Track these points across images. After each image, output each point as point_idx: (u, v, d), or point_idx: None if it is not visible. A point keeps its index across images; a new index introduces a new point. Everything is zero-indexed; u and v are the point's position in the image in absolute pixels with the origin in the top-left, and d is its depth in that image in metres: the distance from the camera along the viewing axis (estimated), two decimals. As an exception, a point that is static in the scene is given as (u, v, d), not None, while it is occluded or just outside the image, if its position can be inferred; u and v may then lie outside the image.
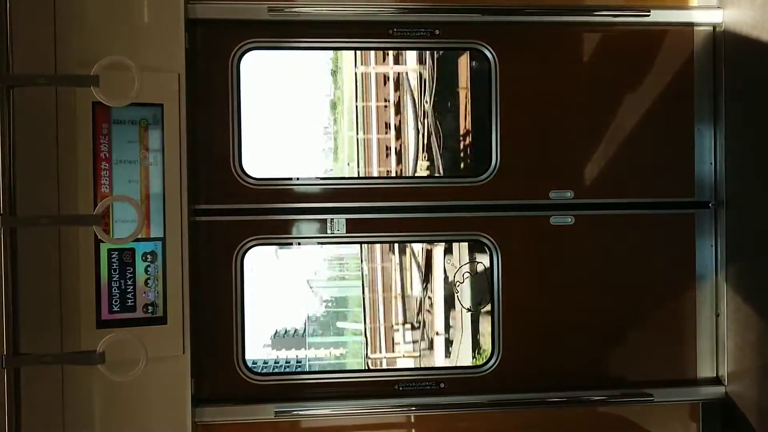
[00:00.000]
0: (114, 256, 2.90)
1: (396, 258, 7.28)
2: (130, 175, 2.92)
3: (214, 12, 3.13)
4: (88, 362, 2.52)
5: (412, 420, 3.36)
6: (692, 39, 3.38)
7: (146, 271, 2.95)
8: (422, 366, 6.85)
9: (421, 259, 6.83)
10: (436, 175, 6.60)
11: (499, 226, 3.34)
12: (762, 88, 3.06)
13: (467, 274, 3.68)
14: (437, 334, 6.49)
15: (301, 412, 3.19)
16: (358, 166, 7.51)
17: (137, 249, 2.93)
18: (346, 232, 3.28)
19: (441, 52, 5.84)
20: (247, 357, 3.27)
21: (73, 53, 2.83)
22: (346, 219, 3.28)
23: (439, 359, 6.53)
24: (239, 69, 3.21)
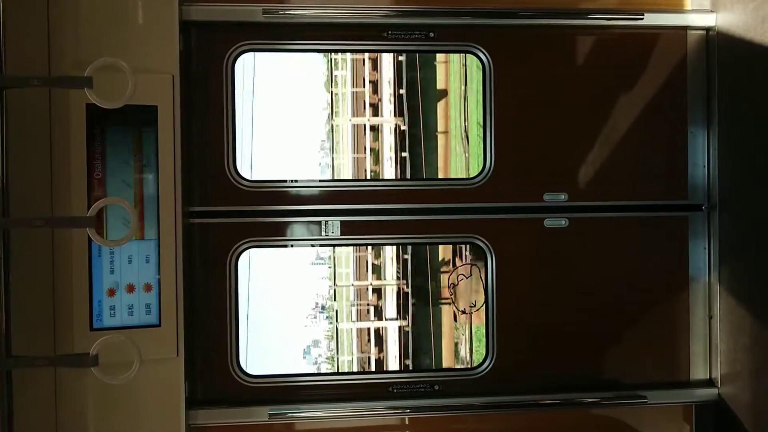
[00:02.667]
0: (108, 258, 2.89)
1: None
2: (124, 177, 2.92)
3: (208, 14, 3.13)
4: (81, 365, 2.51)
5: (406, 422, 3.36)
6: (685, 42, 3.39)
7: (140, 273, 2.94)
8: (416, 368, 6.85)
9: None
10: (431, 177, 6.61)
11: (494, 228, 3.34)
12: (754, 91, 3.08)
13: (462, 276, 3.68)
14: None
15: (295, 415, 3.18)
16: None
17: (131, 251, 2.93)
18: (341, 235, 3.29)
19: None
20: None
21: (66, 55, 2.82)
22: (341, 221, 3.28)
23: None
24: (233, 71, 3.21)
